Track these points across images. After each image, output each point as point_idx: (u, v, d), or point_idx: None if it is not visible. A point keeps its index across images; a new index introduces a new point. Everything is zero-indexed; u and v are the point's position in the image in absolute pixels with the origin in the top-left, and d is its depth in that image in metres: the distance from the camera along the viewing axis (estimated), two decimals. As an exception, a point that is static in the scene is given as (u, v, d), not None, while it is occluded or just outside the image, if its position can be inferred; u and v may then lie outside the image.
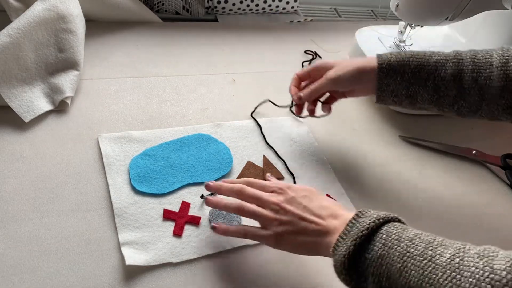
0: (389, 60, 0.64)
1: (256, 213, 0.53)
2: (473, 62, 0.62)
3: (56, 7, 0.72)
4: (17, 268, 0.51)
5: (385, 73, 0.64)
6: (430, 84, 0.63)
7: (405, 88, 0.64)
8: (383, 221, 0.46)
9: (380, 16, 1.24)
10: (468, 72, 0.61)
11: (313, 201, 0.53)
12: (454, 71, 0.62)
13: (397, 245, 0.43)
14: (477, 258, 0.38)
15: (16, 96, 0.67)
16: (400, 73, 0.64)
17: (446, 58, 0.63)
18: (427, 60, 0.63)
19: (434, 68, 0.63)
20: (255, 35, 1.01)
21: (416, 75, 0.63)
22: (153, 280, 0.53)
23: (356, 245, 0.44)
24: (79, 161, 0.64)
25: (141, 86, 0.80)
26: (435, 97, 0.64)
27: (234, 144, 0.72)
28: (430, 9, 0.77)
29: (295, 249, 0.52)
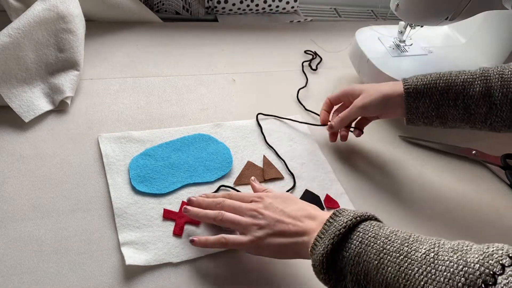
0: (415, 84, 0.65)
1: (234, 220, 0.54)
2: (502, 77, 0.62)
3: (56, 7, 0.72)
4: (17, 268, 0.51)
5: (413, 97, 0.65)
6: (460, 103, 0.64)
7: (434, 109, 0.65)
8: (360, 219, 0.47)
9: (380, 16, 1.24)
10: (498, 88, 0.62)
11: (289, 205, 0.54)
12: (483, 88, 0.62)
13: (373, 242, 0.44)
14: (451, 252, 0.39)
15: (16, 96, 0.67)
16: (428, 95, 0.65)
17: (473, 77, 0.63)
18: (453, 80, 0.64)
19: (462, 88, 0.63)
20: (255, 35, 1.01)
21: (444, 96, 0.64)
22: (153, 280, 0.53)
23: (333, 243, 0.45)
24: (79, 161, 0.64)
25: (141, 86, 0.80)
26: (466, 116, 0.64)
27: (234, 144, 0.72)
28: (430, 9, 0.76)
29: (275, 252, 0.53)
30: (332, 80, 0.93)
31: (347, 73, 0.95)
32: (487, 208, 0.72)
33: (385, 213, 0.67)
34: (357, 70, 0.90)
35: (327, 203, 0.66)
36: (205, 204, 0.58)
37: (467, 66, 0.87)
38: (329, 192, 0.68)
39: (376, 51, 0.87)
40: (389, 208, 0.68)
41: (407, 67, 0.86)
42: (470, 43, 0.93)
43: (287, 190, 0.67)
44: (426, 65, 0.87)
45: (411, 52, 0.89)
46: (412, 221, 0.67)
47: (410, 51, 0.89)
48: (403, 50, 0.89)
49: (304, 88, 0.88)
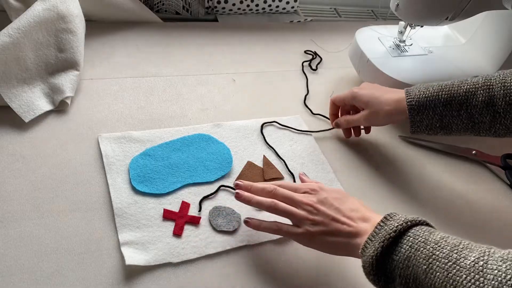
0: (418, 97, 0.66)
1: (290, 212, 0.54)
2: (504, 86, 0.62)
3: (56, 7, 0.72)
4: (17, 268, 0.51)
5: (417, 111, 0.66)
6: (463, 113, 0.64)
7: (438, 121, 0.65)
8: (410, 224, 0.47)
9: (380, 16, 1.24)
10: (501, 97, 0.62)
11: (344, 203, 0.54)
12: (486, 98, 0.62)
13: (423, 247, 0.44)
14: (501, 261, 0.39)
15: (16, 96, 0.67)
16: (432, 107, 0.65)
17: (476, 86, 0.63)
18: (456, 91, 0.64)
19: (465, 98, 0.63)
20: (255, 35, 1.01)
21: (447, 107, 0.64)
22: (153, 280, 0.53)
23: (383, 247, 0.46)
24: (79, 161, 0.64)
25: (141, 86, 0.80)
26: (470, 125, 0.64)
27: (234, 144, 0.72)
28: (430, 9, 0.76)
29: (325, 248, 0.54)
30: (332, 80, 0.93)
31: (347, 73, 0.95)
32: (487, 208, 0.72)
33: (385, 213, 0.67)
34: (357, 70, 0.90)
35: (327, 203, 0.66)
36: (253, 190, 0.58)
37: (467, 66, 0.87)
38: (329, 192, 0.68)
39: (376, 51, 0.87)
40: (389, 208, 0.68)
41: (407, 67, 0.86)
42: (470, 43, 0.93)
43: (287, 190, 0.67)
44: (426, 65, 0.87)
45: (411, 52, 0.89)
46: (412, 221, 0.67)
47: (410, 51, 0.89)
48: (403, 50, 0.89)
49: (304, 88, 0.88)
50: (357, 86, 0.76)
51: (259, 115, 0.79)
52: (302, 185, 0.58)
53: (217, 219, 0.60)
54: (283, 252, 0.59)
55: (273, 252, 0.59)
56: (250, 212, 0.63)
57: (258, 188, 0.58)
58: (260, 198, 0.57)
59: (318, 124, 0.80)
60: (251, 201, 0.57)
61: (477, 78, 0.65)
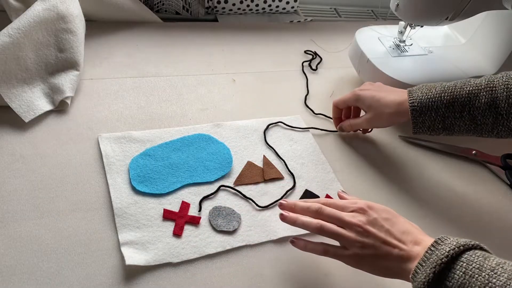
0: (420, 99, 0.66)
1: (338, 234, 0.52)
2: (507, 88, 0.62)
3: (56, 7, 0.72)
4: (17, 268, 0.51)
5: (419, 112, 0.66)
6: (466, 114, 0.64)
7: (441, 122, 0.65)
8: (463, 248, 0.45)
9: (380, 16, 1.24)
10: (503, 99, 0.61)
11: (395, 224, 0.52)
12: (488, 99, 0.62)
13: (478, 274, 0.43)
14: None
15: (16, 96, 0.67)
16: (434, 109, 0.65)
17: (479, 88, 0.63)
18: (459, 92, 0.64)
19: (468, 99, 0.63)
20: (255, 35, 1.01)
21: (450, 109, 0.64)
22: (153, 280, 0.53)
23: (435, 273, 0.44)
24: (79, 161, 0.64)
25: (141, 86, 0.80)
26: (472, 126, 0.64)
27: (234, 144, 0.72)
28: (430, 9, 0.76)
29: (376, 271, 0.51)
30: (332, 80, 0.93)
31: (347, 73, 0.95)
32: (487, 208, 0.72)
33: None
34: (357, 70, 0.90)
35: (327, 203, 0.66)
36: (298, 209, 0.56)
37: (467, 66, 0.87)
38: (329, 192, 0.68)
39: (376, 51, 0.87)
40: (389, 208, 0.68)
41: (407, 67, 0.86)
42: (470, 43, 0.93)
43: (287, 190, 0.67)
44: (426, 65, 0.87)
45: (411, 52, 0.89)
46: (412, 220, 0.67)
47: (410, 51, 0.89)
48: (403, 50, 0.89)
49: (304, 88, 0.88)
50: (359, 87, 0.76)
51: (259, 115, 0.79)
52: (348, 203, 0.55)
53: (217, 219, 0.60)
54: (283, 252, 0.59)
55: (273, 252, 0.59)
56: (250, 213, 0.63)
57: (302, 207, 0.56)
58: (306, 219, 0.54)
59: (318, 124, 0.80)
60: (296, 222, 0.55)
61: (480, 80, 0.64)
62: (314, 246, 0.55)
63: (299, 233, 0.61)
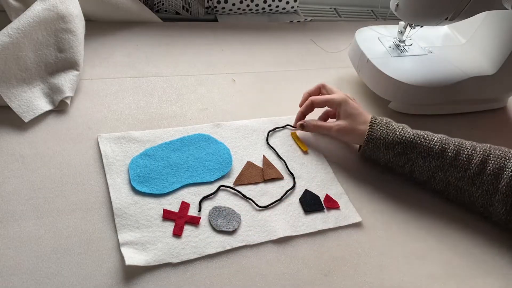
0: (378, 138, 0.69)
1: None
2: (452, 164, 0.66)
3: (55, 7, 0.72)
4: (16, 268, 0.51)
5: (371, 148, 0.70)
6: (407, 168, 0.69)
7: (383, 162, 0.71)
8: None
9: (380, 16, 1.24)
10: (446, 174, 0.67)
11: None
12: (434, 168, 0.67)
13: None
14: None
15: (16, 96, 0.67)
16: (383, 152, 0.69)
17: (429, 152, 0.67)
18: (411, 150, 0.68)
19: (415, 159, 0.68)
20: (255, 35, 1.01)
21: (396, 158, 0.69)
22: (153, 280, 0.53)
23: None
24: (78, 161, 0.64)
25: (141, 86, 0.80)
26: (407, 176, 0.71)
27: (234, 144, 0.72)
28: (430, 9, 0.76)
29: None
30: (332, 80, 0.93)
31: (347, 73, 0.95)
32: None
33: (385, 213, 0.67)
34: (357, 70, 0.90)
35: (326, 203, 0.66)
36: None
37: (467, 66, 0.87)
38: (329, 192, 0.68)
39: (376, 51, 0.87)
40: (389, 208, 0.68)
41: (407, 67, 0.86)
42: (470, 43, 0.93)
43: (287, 190, 0.67)
44: (426, 65, 0.87)
45: (411, 52, 0.89)
46: (412, 220, 0.67)
47: (410, 51, 0.89)
48: (403, 50, 0.89)
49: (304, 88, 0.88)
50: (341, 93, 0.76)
51: (259, 115, 0.79)
52: None
53: (216, 219, 0.60)
54: (283, 252, 0.59)
55: (273, 252, 0.59)
56: (250, 213, 0.63)
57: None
58: None
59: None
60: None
61: (439, 140, 0.68)
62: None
63: (299, 233, 0.61)
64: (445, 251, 0.64)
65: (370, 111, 0.86)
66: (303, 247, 0.60)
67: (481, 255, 0.64)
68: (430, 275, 0.60)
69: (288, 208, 0.65)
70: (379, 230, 0.65)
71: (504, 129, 0.90)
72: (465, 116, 0.90)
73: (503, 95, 0.94)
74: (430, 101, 0.86)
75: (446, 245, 0.65)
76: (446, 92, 0.84)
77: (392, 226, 0.66)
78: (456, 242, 0.65)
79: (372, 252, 0.62)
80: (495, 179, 0.64)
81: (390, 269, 0.60)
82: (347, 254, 0.61)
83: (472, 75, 0.85)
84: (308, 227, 0.63)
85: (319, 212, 0.65)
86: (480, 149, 0.66)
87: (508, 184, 0.63)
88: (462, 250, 0.65)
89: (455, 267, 0.62)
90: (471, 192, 0.66)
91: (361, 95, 0.90)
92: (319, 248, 0.61)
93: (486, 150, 0.66)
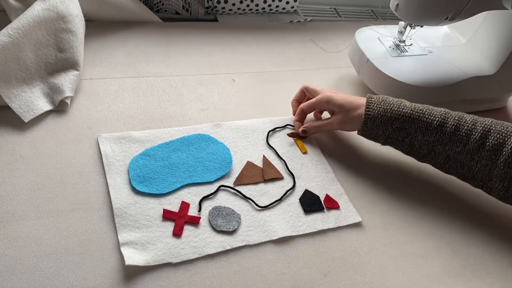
0: (375, 116, 0.69)
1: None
2: (451, 139, 0.66)
3: (55, 7, 0.72)
4: (16, 268, 0.51)
5: (370, 127, 0.70)
6: (407, 142, 0.69)
7: (383, 139, 0.71)
8: None
9: (380, 16, 1.24)
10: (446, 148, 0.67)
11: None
12: (434, 142, 0.67)
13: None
14: None
15: (16, 96, 0.67)
16: (382, 129, 0.69)
17: (428, 127, 0.67)
18: (410, 125, 0.68)
19: (414, 133, 0.68)
20: (255, 35, 1.01)
21: (395, 133, 0.69)
22: (153, 280, 0.53)
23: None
24: (78, 161, 0.64)
25: (141, 86, 0.80)
26: (407, 151, 0.71)
27: (234, 144, 0.72)
28: (430, 9, 0.76)
29: None
30: (332, 80, 0.93)
31: (347, 73, 0.95)
32: (487, 208, 0.72)
33: (385, 213, 0.67)
34: (357, 70, 0.90)
35: (326, 203, 0.66)
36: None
37: (467, 66, 0.87)
38: (329, 192, 0.68)
39: (376, 51, 0.87)
40: (389, 208, 0.68)
41: (407, 67, 0.86)
42: (470, 43, 0.93)
43: (287, 190, 0.67)
44: (426, 65, 0.87)
45: (411, 52, 0.89)
46: (412, 220, 0.67)
47: (410, 51, 0.89)
48: (403, 50, 0.89)
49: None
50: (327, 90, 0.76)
51: (259, 115, 0.79)
52: None
53: (216, 219, 0.60)
54: (283, 252, 0.59)
55: (273, 252, 0.59)
56: (250, 213, 0.63)
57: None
58: None
59: (318, 124, 0.80)
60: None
61: (440, 113, 0.68)
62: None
63: (299, 233, 0.61)
64: (445, 251, 0.64)
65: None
66: (303, 247, 0.60)
67: (481, 255, 0.64)
68: (430, 275, 0.60)
69: (288, 208, 0.65)
70: (379, 230, 0.65)
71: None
72: (465, 116, 0.90)
73: (503, 95, 0.94)
74: (430, 101, 0.85)
75: (446, 245, 0.65)
76: (446, 92, 0.84)
77: (392, 226, 0.66)
78: (456, 242, 0.65)
79: (372, 252, 0.62)
80: (494, 154, 0.63)
81: (390, 269, 0.60)
82: (347, 254, 0.61)
83: (472, 75, 0.85)
84: (308, 227, 0.63)
85: (319, 212, 0.65)
86: (480, 124, 0.65)
87: (507, 161, 0.62)
88: (462, 250, 0.65)
89: (455, 267, 0.62)
90: (470, 166, 0.65)
91: (361, 95, 0.89)
92: (319, 248, 0.61)
93: (487, 125, 0.65)
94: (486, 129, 0.64)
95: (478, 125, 0.65)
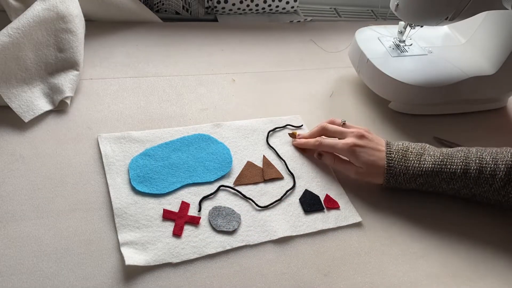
0: (397, 174, 0.67)
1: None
2: (476, 183, 0.66)
3: (55, 7, 0.72)
4: (16, 268, 0.51)
5: (392, 184, 0.68)
6: (432, 190, 0.69)
7: (409, 189, 0.69)
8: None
9: (380, 16, 1.24)
10: (472, 190, 0.67)
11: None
12: (459, 188, 0.67)
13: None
14: None
15: (16, 96, 0.67)
16: (405, 185, 0.68)
17: (452, 177, 0.66)
18: (434, 179, 0.67)
19: (439, 184, 0.67)
20: (255, 35, 1.01)
21: (420, 187, 0.69)
22: (152, 280, 0.53)
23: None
24: (78, 161, 0.64)
25: (141, 86, 0.80)
26: None
27: (234, 144, 0.72)
28: (430, 9, 0.76)
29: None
30: (332, 80, 0.93)
31: (347, 73, 0.95)
32: (487, 208, 0.71)
33: (385, 213, 0.67)
34: (357, 70, 0.90)
35: (327, 203, 0.66)
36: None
37: (467, 66, 0.87)
38: (329, 192, 0.68)
39: (376, 51, 0.87)
40: (389, 208, 0.68)
41: (407, 67, 0.86)
42: (470, 43, 0.93)
43: (287, 190, 0.67)
44: (426, 65, 0.87)
45: (411, 52, 0.89)
46: (412, 220, 0.67)
47: (410, 51, 0.89)
48: (403, 50, 0.89)
49: (303, 88, 0.88)
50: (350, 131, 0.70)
51: (259, 115, 0.79)
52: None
53: (216, 219, 0.60)
54: (283, 252, 0.59)
55: (273, 252, 0.59)
56: (250, 213, 0.63)
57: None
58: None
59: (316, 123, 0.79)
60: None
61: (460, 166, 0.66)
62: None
63: (299, 233, 0.61)
64: (445, 251, 0.64)
65: (370, 111, 0.86)
66: (303, 247, 0.60)
67: (481, 255, 0.64)
68: (430, 275, 0.60)
69: (288, 208, 0.65)
70: (379, 230, 0.65)
71: (504, 129, 0.90)
72: (465, 116, 0.90)
73: (503, 95, 0.94)
74: (430, 101, 0.86)
75: (446, 245, 0.65)
76: (446, 92, 0.84)
77: (392, 226, 0.66)
78: (456, 242, 0.65)
79: (372, 252, 0.62)
80: None
81: (390, 269, 0.60)
82: (347, 254, 0.61)
83: (472, 75, 0.85)
84: (308, 227, 0.63)
85: (319, 212, 0.65)
86: (501, 161, 0.66)
87: None
88: (462, 250, 0.65)
89: (455, 267, 0.62)
90: (497, 199, 0.67)
91: (361, 95, 0.90)
92: (319, 248, 0.61)
93: (508, 162, 0.65)
94: (509, 166, 0.65)
95: (499, 163, 0.66)
